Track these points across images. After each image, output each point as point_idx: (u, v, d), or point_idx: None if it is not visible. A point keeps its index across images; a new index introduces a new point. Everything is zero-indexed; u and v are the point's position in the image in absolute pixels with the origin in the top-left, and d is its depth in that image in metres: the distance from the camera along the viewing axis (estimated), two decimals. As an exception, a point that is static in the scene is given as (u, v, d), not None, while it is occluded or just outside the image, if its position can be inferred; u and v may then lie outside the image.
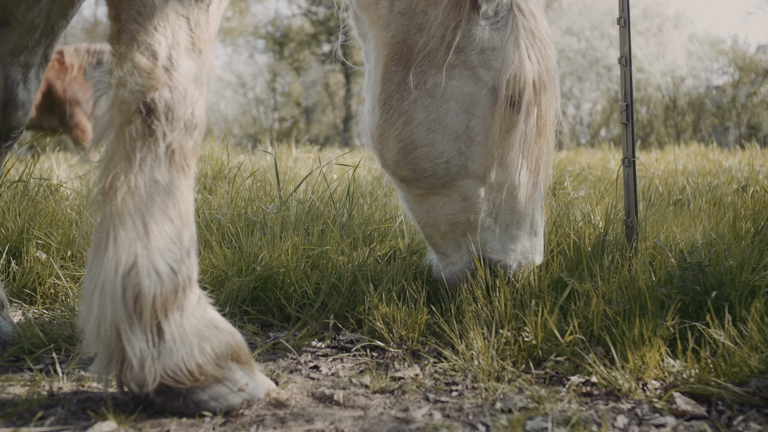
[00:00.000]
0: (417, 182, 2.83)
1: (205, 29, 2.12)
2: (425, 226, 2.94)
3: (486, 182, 2.80)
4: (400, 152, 2.80)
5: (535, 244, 2.90)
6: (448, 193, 2.82)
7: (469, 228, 2.85)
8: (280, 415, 2.05)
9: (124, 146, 2.01)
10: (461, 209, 2.83)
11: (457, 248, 2.91)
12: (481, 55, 2.77)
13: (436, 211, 2.87)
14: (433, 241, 2.97)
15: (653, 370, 2.38)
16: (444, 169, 2.77)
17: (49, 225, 3.88)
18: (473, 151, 2.77)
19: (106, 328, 1.96)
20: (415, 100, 2.75)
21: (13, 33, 2.63)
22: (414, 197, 2.90)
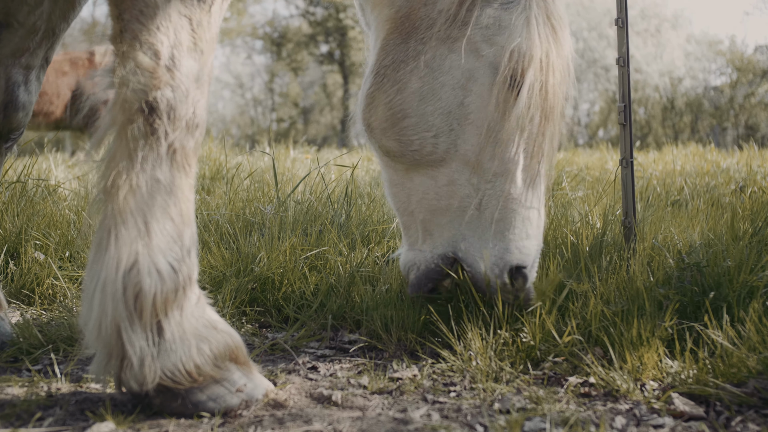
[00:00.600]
0: (402, 157, 2.66)
1: (207, 29, 2.13)
2: (404, 212, 2.76)
3: (477, 169, 2.59)
4: (388, 120, 2.64)
5: (526, 248, 2.63)
6: (434, 174, 2.64)
7: (449, 218, 2.64)
8: (278, 416, 2.05)
9: (126, 145, 2.01)
10: (445, 194, 2.63)
11: (429, 239, 2.70)
12: (486, 31, 2.59)
13: (418, 195, 2.68)
14: (409, 233, 2.78)
15: (651, 370, 2.39)
16: (432, 144, 2.60)
17: (47, 226, 3.88)
18: (466, 130, 2.59)
19: (106, 326, 1.96)
20: (412, 70, 2.62)
21: (14, 35, 2.63)
22: (397, 176, 2.73)
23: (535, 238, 2.65)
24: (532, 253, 2.64)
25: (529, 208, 2.63)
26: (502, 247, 2.59)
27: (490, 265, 2.59)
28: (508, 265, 2.58)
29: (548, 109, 2.61)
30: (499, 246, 2.59)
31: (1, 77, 2.65)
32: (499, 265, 2.59)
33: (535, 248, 2.66)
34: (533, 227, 2.64)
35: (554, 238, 3.34)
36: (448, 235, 2.65)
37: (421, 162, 2.63)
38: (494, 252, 2.59)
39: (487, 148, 2.58)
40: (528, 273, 2.62)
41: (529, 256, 2.63)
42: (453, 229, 2.64)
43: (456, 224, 2.63)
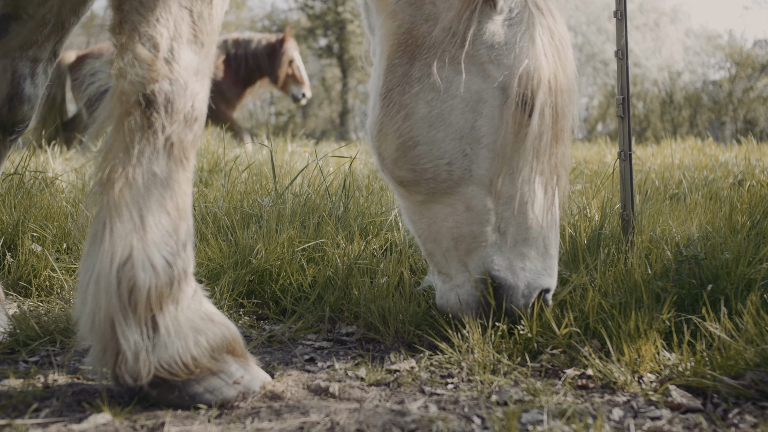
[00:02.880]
0: (416, 186, 2.58)
1: (208, 22, 2.11)
2: (426, 241, 2.68)
3: (493, 191, 2.54)
4: (398, 149, 2.58)
5: (547, 266, 2.59)
6: (451, 202, 2.57)
7: (474, 243, 2.57)
8: (276, 408, 2.05)
9: (123, 138, 2.00)
10: (465, 221, 2.56)
11: (462, 268, 2.62)
12: (491, 51, 2.53)
13: (438, 224, 2.61)
14: (435, 260, 2.70)
15: (649, 363, 2.38)
16: (446, 171, 2.53)
17: (44, 218, 3.87)
18: (479, 154, 2.52)
19: (100, 320, 1.96)
20: (418, 94, 2.54)
21: (23, 27, 2.62)
22: (415, 206, 2.66)
23: (555, 258, 2.63)
24: (554, 274, 2.63)
25: (549, 229, 2.61)
26: (531, 268, 2.58)
27: (519, 285, 2.57)
28: (535, 291, 2.58)
29: (559, 131, 2.56)
30: (528, 267, 2.57)
31: (8, 69, 2.64)
32: (531, 287, 2.58)
33: (556, 269, 2.64)
34: (553, 248, 2.62)
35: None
36: (477, 258, 2.59)
37: (437, 190, 2.57)
38: (523, 274, 2.57)
39: (503, 172, 2.53)
40: (549, 297, 2.65)
41: (551, 277, 2.62)
42: (480, 253, 2.58)
43: (481, 250, 2.58)
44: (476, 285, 2.58)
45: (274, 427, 1.90)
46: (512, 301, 2.56)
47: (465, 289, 2.62)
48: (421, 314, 2.80)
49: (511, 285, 2.56)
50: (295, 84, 13.89)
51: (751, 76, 36.52)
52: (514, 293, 2.56)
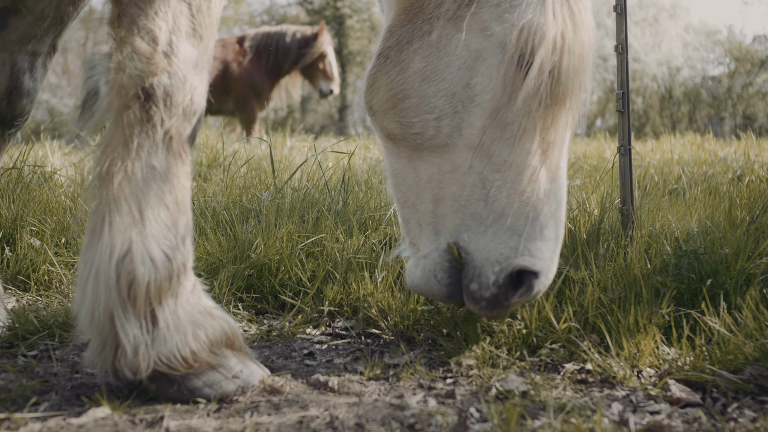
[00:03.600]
0: (404, 140, 2.44)
1: (207, 15, 2.11)
2: (405, 205, 2.50)
3: (483, 156, 2.33)
4: (389, 101, 2.45)
5: (538, 248, 2.30)
6: (437, 161, 2.40)
7: (454, 207, 2.36)
8: (275, 402, 2.05)
9: (121, 131, 2.00)
10: (449, 181, 2.38)
11: (433, 237, 2.42)
12: (496, 9, 2.36)
13: (421, 184, 2.43)
14: (408, 227, 2.51)
15: (648, 357, 2.38)
16: (434, 127, 2.37)
17: (43, 212, 3.87)
18: (471, 113, 2.34)
19: (99, 314, 1.96)
20: (416, 50, 2.42)
21: (22, 21, 2.61)
22: (400, 165, 2.50)
23: (550, 241, 2.32)
24: (546, 258, 2.30)
25: (544, 204, 2.33)
26: (510, 245, 2.28)
27: (491, 261, 2.28)
28: (511, 266, 2.27)
29: (560, 94, 2.35)
30: (506, 244, 2.28)
31: (7, 63, 2.63)
32: (501, 264, 2.28)
33: (550, 253, 2.32)
34: (549, 228, 2.32)
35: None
36: (452, 225, 2.37)
37: (424, 146, 2.41)
38: (498, 249, 2.29)
39: (494, 133, 2.34)
40: (535, 283, 2.28)
41: (541, 260, 2.29)
42: (457, 220, 2.36)
43: (460, 214, 2.36)
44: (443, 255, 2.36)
45: (273, 422, 1.90)
46: (480, 280, 2.29)
47: (431, 259, 2.39)
48: (419, 309, 2.79)
49: (477, 262, 2.31)
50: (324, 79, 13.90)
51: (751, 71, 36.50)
52: (482, 271, 2.30)
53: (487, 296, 2.28)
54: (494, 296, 2.27)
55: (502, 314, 2.32)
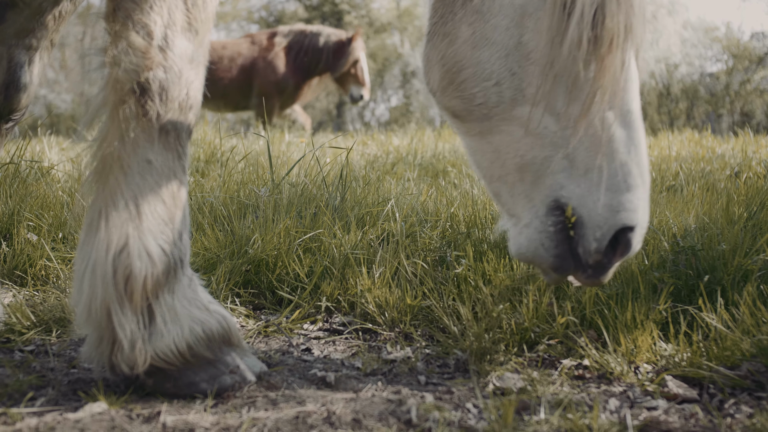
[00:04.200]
0: (470, 115, 2.32)
1: (203, 9, 2.10)
2: (492, 179, 2.39)
3: (551, 112, 2.21)
4: (444, 77, 2.37)
5: (626, 200, 2.14)
6: (509, 129, 2.27)
7: (540, 170, 2.24)
8: (272, 397, 2.05)
9: (117, 126, 2.00)
10: (527, 146, 2.25)
11: (529, 204, 2.28)
12: None
13: (501, 157, 2.31)
14: (502, 201, 2.39)
15: (645, 353, 2.39)
16: (495, 93, 2.26)
17: (40, 207, 3.87)
18: (529, 71, 2.23)
19: (96, 309, 1.96)
20: (460, 20, 2.33)
21: (19, 15, 2.60)
22: (475, 142, 2.39)
23: (638, 189, 2.17)
24: (637, 208, 2.16)
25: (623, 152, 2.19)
26: (604, 203, 2.14)
27: (592, 225, 2.16)
28: (612, 228, 2.14)
29: (606, 38, 2.20)
30: (600, 202, 2.15)
31: (4, 57, 2.62)
32: (601, 227, 2.15)
33: (640, 203, 2.17)
34: (633, 176, 2.17)
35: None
36: (544, 190, 2.25)
37: (491, 116, 2.29)
38: (595, 209, 2.15)
39: (555, 88, 2.21)
40: (632, 237, 2.15)
41: (633, 212, 2.15)
42: (547, 182, 2.23)
43: (548, 178, 2.23)
44: (545, 221, 2.23)
45: (270, 417, 1.90)
46: (584, 244, 2.17)
47: (533, 228, 2.26)
48: (417, 304, 2.79)
49: (582, 219, 2.18)
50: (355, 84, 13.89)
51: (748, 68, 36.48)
52: (585, 231, 2.18)
53: (591, 263, 2.17)
54: (599, 262, 2.17)
55: (605, 279, 2.20)
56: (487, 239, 3.27)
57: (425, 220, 3.61)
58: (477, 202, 3.75)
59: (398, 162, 6.69)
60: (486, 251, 3.07)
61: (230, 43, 14.20)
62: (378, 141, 9.21)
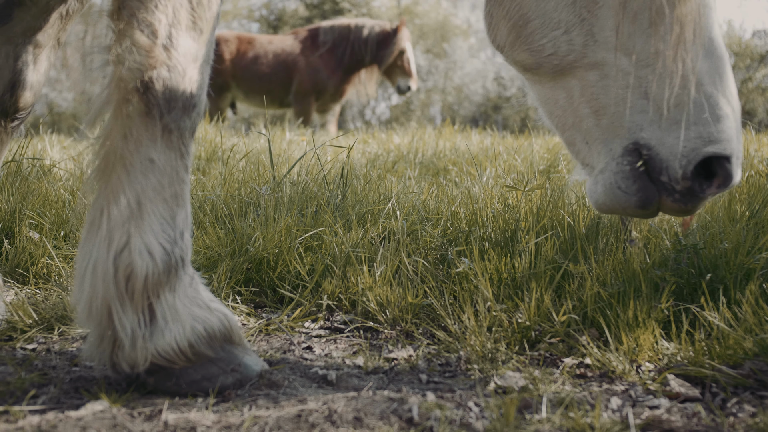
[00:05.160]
0: (541, 67, 2.28)
1: (207, 8, 2.10)
2: (565, 128, 2.34)
3: (625, 53, 2.14)
4: (511, 32, 2.31)
5: (716, 130, 2.06)
6: (583, 75, 2.22)
7: (617, 113, 2.18)
8: (273, 396, 2.05)
9: (120, 124, 2.00)
10: (602, 89, 2.19)
11: (604, 150, 2.22)
12: None
13: (575, 104, 2.26)
14: (576, 150, 2.35)
15: (647, 352, 2.38)
16: (566, 42, 2.20)
17: (42, 205, 3.87)
18: (599, 15, 2.16)
19: (97, 307, 1.96)
20: None
21: (26, 13, 2.60)
22: (546, 90, 2.34)
23: (728, 119, 2.10)
24: (730, 137, 2.08)
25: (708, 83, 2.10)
26: (689, 136, 2.08)
27: (675, 155, 2.09)
28: (699, 156, 2.07)
29: None
30: (686, 135, 2.09)
31: (11, 56, 2.62)
32: (687, 156, 2.07)
33: (732, 132, 2.09)
34: (721, 107, 2.10)
35: (551, 219, 3.33)
36: (622, 132, 2.19)
37: (563, 66, 2.25)
38: (678, 143, 2.09)
39: (628, 28, 2.13)
40: (729, 167, 2.08)
41: (726, 142, 2.07)
42: (625, 124, 2.18)
43: (626, 119, 2.17)
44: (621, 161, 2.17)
45: (271, 415, 1.90)
46: (669, 173, 2.11)
47: (609, 171, 2.20)
48: (418, 302, 2.79)
49: (662, 156, 2.12)
50: (402, 75, 13.80)
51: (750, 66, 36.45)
52: (669, 164, 2.11)
53: (679, 189, 2.11)
54: (688, 189, 2.10)
55: (698, 207, 2.16)
56: (489, 237, 3.27)
57: (426, 219, 3.61)
58: (478, 200, 3.75)
59: (399, 160, 6.69)
60: (488, 249, 3.07)
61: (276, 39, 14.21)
62: (379, 139, 9.21)
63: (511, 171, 5.56)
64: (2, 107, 2.64)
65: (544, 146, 7.18)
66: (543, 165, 5.99)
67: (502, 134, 11.12)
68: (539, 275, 2.79)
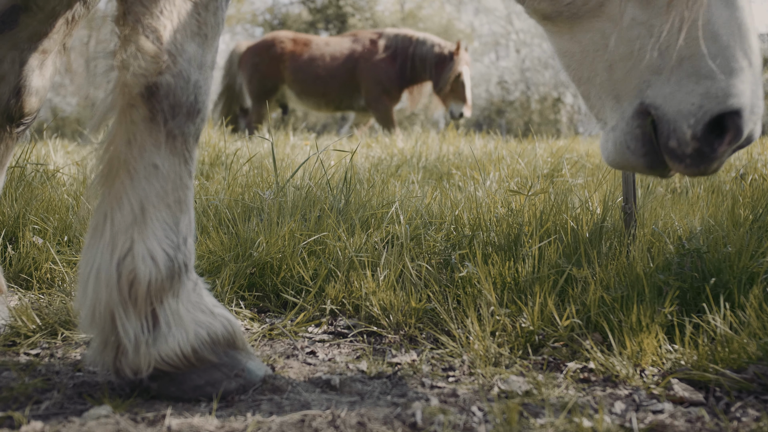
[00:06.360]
0: (559, 15, 2.21)
1: (213, 14, 2.10)
2: (581, 81, 2.28)
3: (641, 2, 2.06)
4: None
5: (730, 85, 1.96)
6: (598, 25, 2.15)
7: (628, 67, 2.10)
8: (277, 401, 2.05)
9: (124, 130, 2.00)
10: (616, 41, 2.12)
11: (616, 105, 2.17)
12: None
13: (590, 55, 2.19)
14: (591, 103, 2.29)
15: (651, 356, 2.38)
16: None
17: (45, 210, 3.87)
18: None
19: (100, 313, 1.96)
20: None
21: (32, 19, 2.60)
22: (564, 42, 2.27)
23: (743, 72, 1.99)
24: (743, 91, 1.98)
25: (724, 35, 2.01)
26: (699, 92, 1.99)
27: (684, 114, 2.01)
28: (707, 114, 1.98)
29: None
30: (694, 91, 2.00)
31: (16, 61, 2.62)
32: (695, 114, 1.99)
33: (747, 86, 1.99)
34: (737, 59, 1.99)
35: (554, 223, 3.33)
36: (632, 87, 2.13)
37: (580, 14, 2.18)
38: (688, 98, 2.00)
39: None
40: (741, 122, 1.98)
41: (738, 96, 1.97)
42: (635, 79, 2.11)
43: (637, 73, 2.10)
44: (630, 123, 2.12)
45: (275, 420, 1.90)
46: (677, 136, 2.03)
47: (619, 130, 2.16)
48: (422, 307, 2.79)
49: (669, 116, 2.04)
50: (456, 100, 13.45)
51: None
52: (676, 126, 2.03)
53: (689, 152, 2.02)
54: (697, 150, 2.01)
55: (712, 168, 2.05)
56: (492, 241, 3.26)
57: (430, 223, 3.61)
58: (481, 204, 3.75)
59: (402, 165, 6.69)
60: (491, 253, 3.07)
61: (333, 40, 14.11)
62: (382, 143, 9.21)
63: (515, 175, 5.56)
64: (8, 113, 2.65)
65: (548, 150, 7.19)
66: (546, 169, 5.99)
67: (506, 138, 11.12)
68: (543, 279, 2.79)
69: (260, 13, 43.18)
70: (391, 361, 2.45)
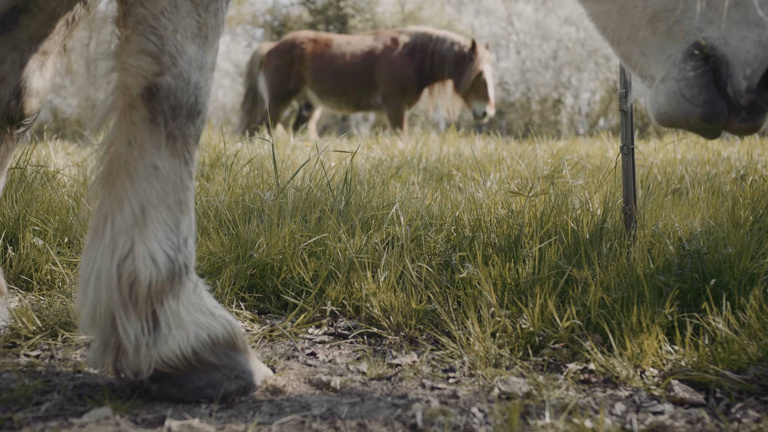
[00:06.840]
0: None
1: (213, 15, 2.10)
2: (621, 42, 2.17)
3: None
4: None
5: None
6: None
7: (674, 16, 1.98)
8: (277, 402, 2.05)
9: (125, 131, 2.01)
10: None
11: (663, 57, 2.03)
12: None
13: (629, 14, 2.08)
14: (633, 62, 2.17)
15: (651, 357, 2.38)
16: None
17: (46, 212, 3.87)
18: None
19: (101, 315, 1.96)
20: None
21: (33, 20, 2.60)
22: (599, 5, 2.18)
23: None
24: None
25: None
26: (752, 39, 1.84)
27: (740, 61, 1.87)
28: (765, 63, 1.83)
29: None
30: (748, 38, 1.85)
31: (17, 62, 2.63)
32: (751, 64, 1.85)
33: None
34: None
35: (554, 224, 3.33)
36: (680, 36, 1.99)
37: None
38: (743, 46, 1.86)
39: None
40: None
41: None
42: (683, 27, 1.98)
43: (684, 22, 1.97)
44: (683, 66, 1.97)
45: (275, 422, 1.90)
46: (733, 86, 1.90)
47: (671, 78, 2.00)
48: (422, 308, 2.79)
49: (728, 58, 1.90)
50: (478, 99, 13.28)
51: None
52: (733, 72, 1.89)
53: (744, 104, 1.90)
54: (752, 103, 1.89)
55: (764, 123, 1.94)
56: (493, 242, 3.26)
57: (430, 224, 3.61)
58: (482, 205, 3.75)
59: (403, 166, 6.69)
60: (491, 255, 3.07)
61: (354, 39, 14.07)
62: (383, 145, 9.21)
63: (515, 176, 5.56)
64: (8, 114, 2.65)
65: (548, 151, 7.19)
66: (547, 170, 5.98)
67: (506, 139, 11.11)
68: (543, 281, 2.79)
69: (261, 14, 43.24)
70: (391, 362, 2.45)
